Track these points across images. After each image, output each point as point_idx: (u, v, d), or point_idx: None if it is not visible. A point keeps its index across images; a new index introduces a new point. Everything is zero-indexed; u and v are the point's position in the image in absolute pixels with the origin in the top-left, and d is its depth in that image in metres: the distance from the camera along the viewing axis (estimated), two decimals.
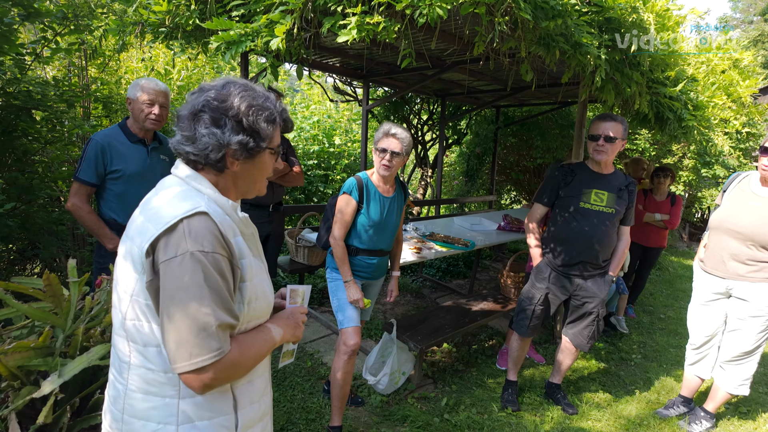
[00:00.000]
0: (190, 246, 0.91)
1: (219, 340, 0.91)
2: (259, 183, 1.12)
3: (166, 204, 0.97)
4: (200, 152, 1.00)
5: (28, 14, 2.22)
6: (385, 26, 1.92)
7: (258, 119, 1.01)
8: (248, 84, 1.04)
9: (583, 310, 2.70)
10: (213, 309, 0.91)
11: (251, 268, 1.05)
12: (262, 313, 1.09)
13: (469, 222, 4.70)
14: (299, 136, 6.41)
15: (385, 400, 2.92)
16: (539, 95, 5.49)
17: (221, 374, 0.93)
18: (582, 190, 2.59)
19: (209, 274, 0.92)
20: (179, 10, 2.45)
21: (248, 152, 1.02)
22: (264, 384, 1.16)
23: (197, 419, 1.00)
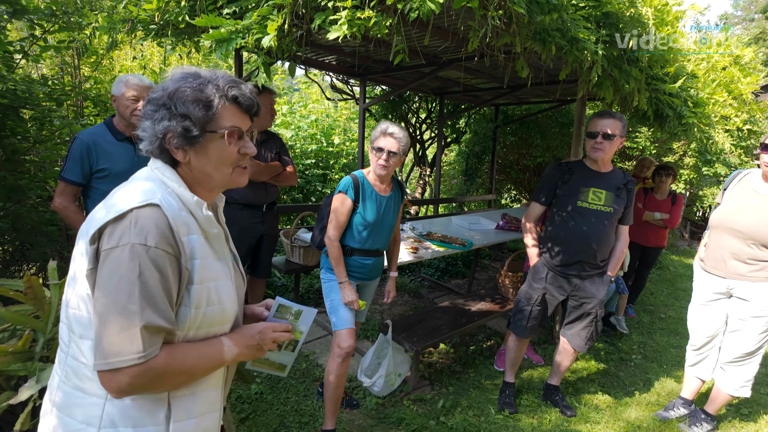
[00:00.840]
0: (133, 238, 0.86)
1: (142, 343, 0.84)
2: (217, 174, 1.01)
3: (125, 193, 0.93)
4: (148, 147, 0.97)
5: (14, 11, 2.18)
6: (376, 21, 1.88)
7: (185, 101, 0.94)
8: (194, 71, 0.99)
9: (581, 311, 2.65)
10: (141, 308, 0.84)
11: (205, 270, 0.97)
12: (216, 321, 1.01)
13: (467, 221, 4.66)
14: (297, 135, 6.37)
15: (380, 402, 2.88)
16: (538, 93, 5.44)
17: (139, 381, 0.85)
18: (580, 189, 2.54)
19: (146, 270, 0.86)
20: (169, 7, 2.41)
21: (186, 139, 0.95)
22: (212, 399, 1.05)
23: (121, 425, 0.92)
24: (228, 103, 0.98)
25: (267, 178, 3.01)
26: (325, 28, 1.99)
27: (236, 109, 1.00)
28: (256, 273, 3.35)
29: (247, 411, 2.66)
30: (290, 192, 6.01)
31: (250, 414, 2.64)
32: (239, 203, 3.03)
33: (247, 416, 2.62)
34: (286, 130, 6.36)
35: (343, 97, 6.03)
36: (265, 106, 3.02)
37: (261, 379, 3.00)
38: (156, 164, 0.99)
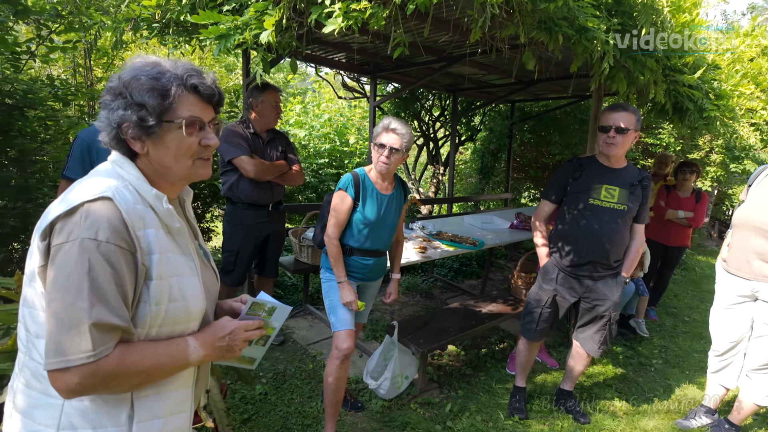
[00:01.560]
0: (83, 232, 0.82)
1: (92, 341, 0.80)
2: (176, 165, 0.97)
3: (80, 188, 0.89)
4: (104, 138, 0.94)
5: (16, 11, 2.20)
6: (372, 12, 1.82)
7: (141, 89, 0.89)
8: (153, 60, 0.94)
9: (593, 314, 2.54)
10: (91, 305, 0.80)
11: (166, 265, 0.93)
12: (180, 318, 0.96)
13: (479, 220, 4.56)
14: (310, 134, 6.36)
15: (386, 405, 2.82)
16: (555, 89, 5.29)
17: (90, 381, 0.81)
18: (591, 186, 2.42)
19: (96, 265, 0.82)
20: (170, 5, 2.40)
21: (143, 129, 0.91)
22: (180, 399, 1.01)
23: (81, 427, 0.88)
24: (187, 92, 0.94)
25: (272, 177, 2.98)
26: (322, 21, 1.94)
27: (196, 99, 0.96)
28: (263, 272, 3.33)
29: (250, 412, 2.63)
30: (304, 191, 6.01)
31: (252, 415, 2.62)
32: (245, 203, 3.01)
33: (250, 417, 2.60)
34: (300, 130, 6.36)
35: (354, 96, 5.99)
36: (270, 104, 2.99)
37: (266, 380, 2.98)
38: (114, 157, 0.95)
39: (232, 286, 3.16)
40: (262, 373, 3.05)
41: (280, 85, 9.58)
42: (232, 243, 3.06)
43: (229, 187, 2.98)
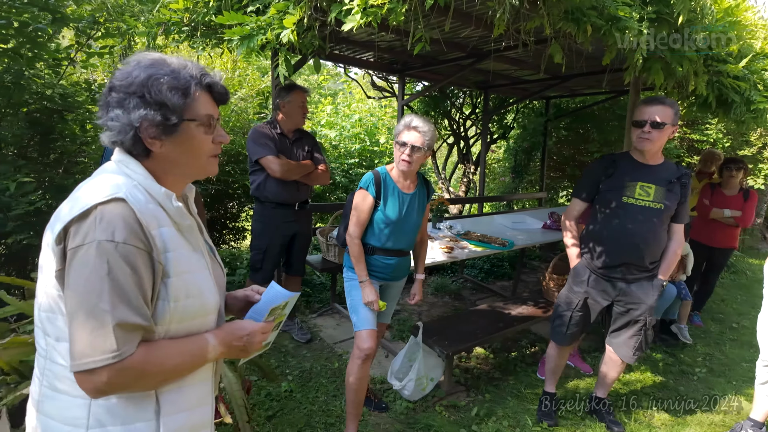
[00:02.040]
0: (99, 234, 0.83)
1: (116, 342, 0.81)
2: (194, 162, 0.99)
3: (88, 189, 0.89)
4: (114, 138, 0.92)
5: (54, 19, 2.31)
6: (391, 8, 1.79)
7: (161, 89, 0.90)
8: (162, 57, 0.95)
9: (627, 318, 2.41)
10: (113, 306, 0.82)
11: (180, 262, 0.95)
12: (197, 313, 0.98)
13: (510, 220, 4.45)
14: (341, 135, 6.39)
15: (411, 406, 2.78)
16: (590, 84, 5.10)
17: (117, 380, 0.83)
18: (625, 183, 2.30)
19: (115, 266, 0.82)
20: (197, 8, 2.46)
21: (162, 128, 0.92)
22: (202, 393, 1.04)
23: (110, 424, 0.90)
24: (202, 91, 0.96)
25: (298, 177, 3.01)
26: (341, 19, 1.93)
27: (209, 98, 0.98)
28: (290, 271, 3.37)
29: (274, 409, 2.66)
30: (334, 191, 6.04)
31: (277, 412, 2.64)
32: (272, 202, 3.05)
33: (275, 414, 2.62)
34: (330, 131, 6.41)
35: (383, 95, 5.97)
36: (297, 104, 3.02)
37: (292, 377, 3.00)
38: (120, 157, 0.95)
39: (260, 284, 3.20)
40: (288, 371, 3.08)
41: (313, 86, 9.71)
42: (259, 241, 3.11)
43: (257, 186, 3.03)
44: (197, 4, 2.46)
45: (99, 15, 2.67)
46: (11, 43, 2.71)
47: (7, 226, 2.41)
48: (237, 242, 5.67)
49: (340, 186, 5.83)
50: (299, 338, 3.46)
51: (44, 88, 2.60)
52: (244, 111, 5.46)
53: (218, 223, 5.30)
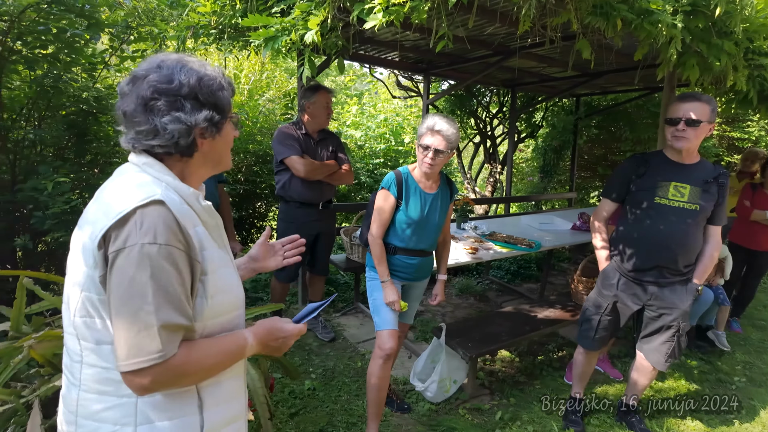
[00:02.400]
0: (141, 238, 0.84)
1: (161, 342, 0.84)
2: (226, 156, 1.07)
3: (121, 192, 0.90)
4: (168, 142, 0.93)
5: (89, 24, 2.40)
6: (413, 6, 1.77)
7: (212, 90, 0.96)
8: (182, 57, 0.96)
9: (659, 323, 2.32)
10: (157, 307, 0.84)
11: (212, 260, 0.97)
12: (228, 308, 1.02)
13: (537, 221, 4.35)
14: (366, 135, 6.41)
15: (433, 408, 2.76)
16: (622, 80, 4.94)
17: (161, 379, 0.86)
18: (657, 183, 2.22)
19: (158, 268, 0.84)
20: (224, 10, 2.50)
21: (216, 127, 0.98)
22: (237, 385, 1.09)
23: (157, 420, 0.93)
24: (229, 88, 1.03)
25: (322, 176, 3.03)
26: (364, 18, 1.93)
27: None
28: (313, 270, 3.40)
29: (297, 406, 2.69)
30: (359, 191, 6.06)
31: (300, 409, 2.67)
32: (296, 201, 3.09)
33: (297, 411, 2.64)
34: (356, 131, 6.43)
35: (408, 94, 5.95)
36: (322, 105, 3.04)
37: (315, 375, 3.03)
38: (144, 159, 0.95)
39: (285, 282, 3.26)
40: (312, 369, 3.11)
41: (339, 87, 9.77)
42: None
43: (282, 186, 3.07)
44: (224, 7, 2.51)
45: (132, 20, 2.76)
46: (50, 49, 2.83)
47: (45, 224, 2.51)
48: None
49: (365, 186, 5.85)
50: (323, 337, 3.49)
51: (80, 91, 2.71)
52: (272, 112, 5.54)
53: (246, 223, 5.39)
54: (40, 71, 2.79)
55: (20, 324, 1.70)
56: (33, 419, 1.43)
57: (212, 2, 2.46)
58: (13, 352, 1.60)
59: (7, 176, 2.87)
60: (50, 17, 2.66)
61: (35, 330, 1.68)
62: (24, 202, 2.64)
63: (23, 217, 2.81)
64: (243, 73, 4.94)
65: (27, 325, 1.74)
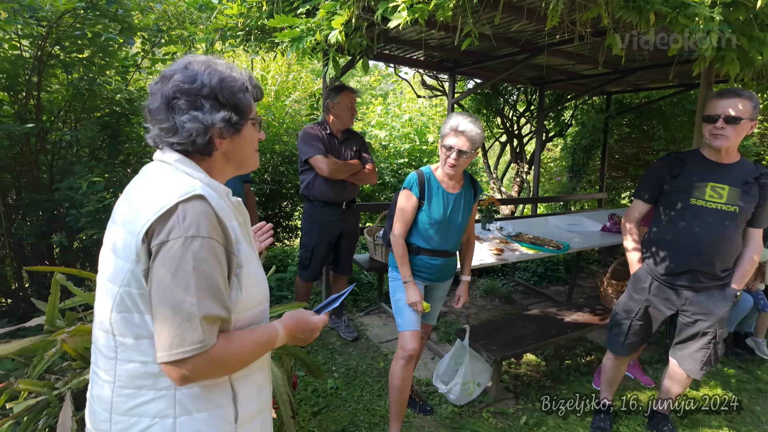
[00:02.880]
0: (184, 231, 0.87)
1: (202, 333, 0.86)
2: (250, 157, 1.08)
3: (160, 188, 0.92)
4: (186, 140, 0.95)
5: (122, 29, 2.47)
6: (438, 3, 1.75)
7: (233, 91, 0.97)
8: (209, 59, 0.99)
9: (694, 329, 2.22)
10: (199, 299, 0.86)
11: (244, 254, 1.00)
12: (257, 302, 1.05)
13: (565, 222, 4.25)
14: (390, 135, 6.39)
15: (456, 411, 2.73)
16: (655, 77, 4.77)
17: (201, 368, 0.88)
18: (693, 184, 2.12)
19: (201, 261, 0.87)
20: (251, 12, 2.53)
21: (234, 128, 0.99)
22: (263, 377, 1.13)
23: (195, 411, 0.96)
24: (251, 92, 1.04)
25: (345, 176, 3.03)
26: (388, 17, 1.91)
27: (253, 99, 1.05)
28: (337, 269, 3.41)
29: (320, 405, 2.70)
30: (383, 191, 6.06)
31: (323, 408, 2.68)
32: (320, 200, 3.10)
33: (320, 410, 2.66)
34: (380, 131, 6.43)
35: (434, 94, 5.91)
36: (346, 105, 3.05)
37: (338, 374, 3.03)
38: (173, 157, 0.97)
39: (308, 280, 3.28)
40: (335, 368, 3.12)
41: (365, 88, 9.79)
42: (308, 239, 3.18)
43: (306, 185, 3.09)
44: (251, 9, 2.53)
45: (162, 23, 2.83)
46: (86, 53, 2.93)
47: (80, 222, 2.60)
48: (290, 240, 5.82)
49: (389, 186, 5.84)
50: (346, 336, 3.50)
51: (113, 93, 2.80)
52: (298, 113, 5.60)
53: (272, 222, 5.47)
54: (76, 74, 2.89)
55: (54, 318, 1.76)
56: (65, 411, 1.48)
57: (239, 4, 2.50)
58: (47, 346, 1.66)
59: (46, 176, 2.99)
60: (86, 22, 2.75)
61: (68, 324, 1.74)
62: (60, 201, 2.74)
63: (60, 216, 2.92)
64: (270, 75, 5.01)
65: (61, 319, 1.81)
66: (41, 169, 2.97)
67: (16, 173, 2.95)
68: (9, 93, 2.77)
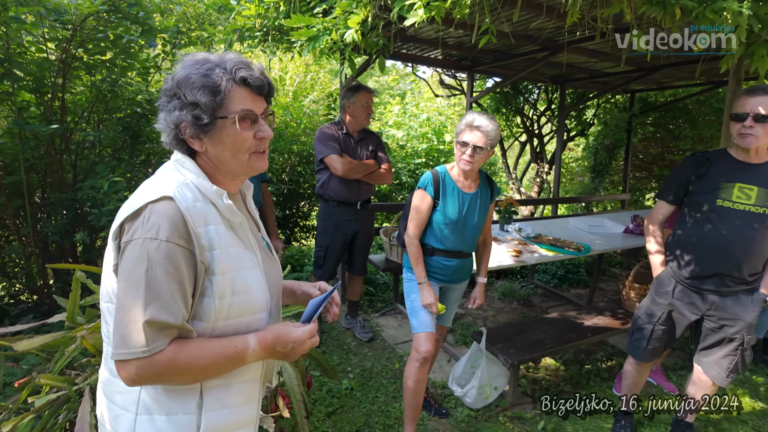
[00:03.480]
0: (145, 232, 0.85)
1: (145, 338, 0.84)
2: (235, 160, 0.98)
3: (144, 188, 0.93)
4: (165, 138, 0.96)
5: (143, 31, 2.51)
6: (454, 1, 1.72)
7: (192, 88, 0.90)
8: (203, 56, 0.95)
9: (721, 335, 2.14)
10: (146, 303, 0.84)
11: (227, 260, 0.95)
12: (245, 311, 0.99)
13: (587, 223, 4.16)
14: (408, 134, 6.37)
15: (472, 414, 2.69)
16: (681, 74, 4.63)
17: (144, 373, 0.86)
18: (720, 185, 2.05)
19: (155, 264, 0.84)
20: (268, 13, 2.55)
21: (200, 128, 0.92)
22: (248, 391, 1.04)
23: (155, 412, 0.94)
24: (237, 86, 0.94)
25: (360, 175, 3.03)
26: (404, 15, 1.90)
27: (247, 92, 0.96)
28: (351, 269, 3.41)
29: (335, 405, 2.70)
30: (401, 191, 6.04)
31: (337, 409, 2.67)
32: (335, 200, 3.11)
33: (335, 410, 2.65)
34: (398, 131, 6.41)
35: (452, 93, 5.86)
36: (362, 105, 3.05)
37: (353, 375, 3.03)
38: (176, 156, 0.99)
39: (322, 280, 3.29)
40: (350, 368, 3.11)
41: (383, 87, 9.78)
42: (323, 238, 3.19)
43: (321, 184, 3.10)
44: (268, 9, 2.55)
45: (182, 25, 2.87)
46: (108, 55, 2.99)
47: (101, 221, 2.65)
48: (307, 240, 5.85)
49: (406, 186, 5.81)
50: (361, 336, 3.49)
51: (134, 94, 2.86)
52: (315, 113, 5.62)
53: (290, 222, 5.50)
54: (99, 76, 2.96)
55: (75, 315, 1.79)
56: (83, 406, 1.50)
57: (257, 5, 2.51)
58: (68, 342, 1.70)
59: (70, 175, 3.06)
60: (108, 24, 2.81)
61: (88, 321, 1.77)
62: (83, 200, 2.80)
63: (83, 214, 2.99)
64: (288, 75, 5.04)
65: (81, 316, 1.84)
66: (65, 168, 3.04)
67: (42, 173, 3.03)
68: (36, 95, 2.85)
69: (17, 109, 2.71)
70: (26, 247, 3.01)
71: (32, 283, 3.13)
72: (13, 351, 1.61)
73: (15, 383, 1.68)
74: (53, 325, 2.44)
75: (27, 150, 2.82)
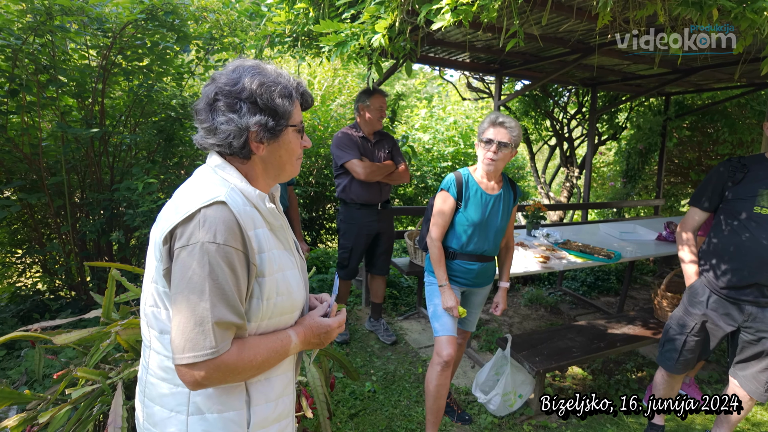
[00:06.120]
0: (202, 236, 0.88)
1: (215, 339, 0.87)
2: (288, 165, 1.07)
3: (190, 193, 0.96)
4: (223, 141, 0.98)
5: (177, 38, 2.60)
6: (482, 5, 1.72)
7: (272, 96, 0.96)
8: (259, 64, 0.99)
9: (759, 348, 2.05)
10: (213, 304, 0.87)
11: (273, 262, 0.99)
12: (286, 309, 1.04)
13: (618, 230, 4.05)
14: (434, 138, 6.35)
15: (496, 422, 2.66)
16: (720, 77, 4.46)
17: (214, 374, 0.88)
18: (758, 191, 1.96)
19: (216, 267, 0.88)
20: (298, 19, 2.59)
21: (270, 132, 0.98)
22: (285, 383, 1.10)
23: (207, 411, 0.97)
24: (297, 99, 1.03)
25: (381, 177, 3.07)
26: (431, 19, 1.90)
27: (299, 106, 1.05)
28: (372, 270, 3.44)
29: (357, 407, 2.71)
30: (426, 194, 6.03)
31: (360, 411, 2.68)
32: (357, 203, 3.15)
33: (357, 413, 2.67)
34: (424, 134, 6.40)
35: (479, 96, 5.81)
36: (376, 107, 3.09)
37: (376, 378, 3.03)
38: (217, 161, 1.01)
39: (346, 279, 3.36)
40: (373, 371, 3.12)
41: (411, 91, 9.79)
42: (346, 240, 3.23)
43: (342, 189, 3.15)
44: (298, 15, 2.60)
45: (215, 32, 2.96)
46: (145, 61, 3.11)
47: (135, 221, 2.76)
48: (333, 242, 5.91)
49: (432, 189, 5.80)
50: (385, 339, 3.50)
51: (168, 99, 2.96)
52: (343, 117, 5.68)
53: (316, 224, 5.57)
54: (136, 81, 3.08)
55: (110, 311, 1.86)
56: (116, 399, 1.56)
57: (287, 11, 2.56)
58: (102, 337, 1.77)
59: (107, 177, 3.20)
60: (146, 32, 2.93)
61: (122, 317, 1.84)
62: (119, 201, 2.92)
63: (119, 214, 3.11)
64: (316, 80, 5.12)
65: (116, 312, 1.92)
66: (103, 170, 3.17)
67: (81, 174, 3.17)
68: (77, 99, 2.99)
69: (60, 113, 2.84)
70: (66, 245, 3.15)
71: (71, 280, 3.27)
72: (52, 344, 1.69)
73: (54, 375, 1.76)
74: (89, 321, 2.55)
75: (68, 152, 2.96)
